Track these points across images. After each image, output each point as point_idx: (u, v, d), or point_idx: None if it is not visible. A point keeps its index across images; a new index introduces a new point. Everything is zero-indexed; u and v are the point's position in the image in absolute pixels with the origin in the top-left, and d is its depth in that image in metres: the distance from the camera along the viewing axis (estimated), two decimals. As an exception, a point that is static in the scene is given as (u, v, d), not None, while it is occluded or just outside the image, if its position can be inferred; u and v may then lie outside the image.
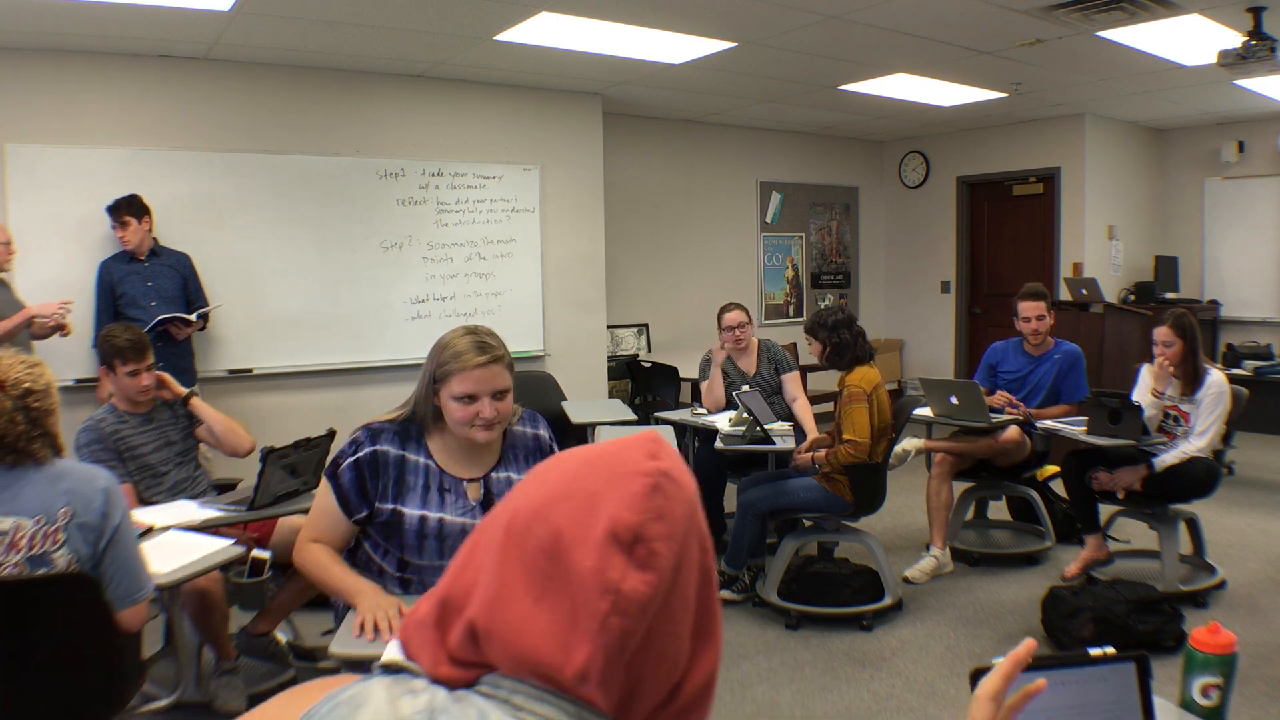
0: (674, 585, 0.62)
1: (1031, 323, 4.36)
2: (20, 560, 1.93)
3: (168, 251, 4.66)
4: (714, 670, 0.67)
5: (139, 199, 4.51)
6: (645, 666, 0.62)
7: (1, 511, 1.93)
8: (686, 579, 0.63)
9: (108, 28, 4.40)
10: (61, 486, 1.99)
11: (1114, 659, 1.18)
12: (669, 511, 0.62)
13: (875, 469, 3.66)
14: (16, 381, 1.98)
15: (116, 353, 3.06)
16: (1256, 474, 5.99)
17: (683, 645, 0.64)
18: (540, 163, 6.12)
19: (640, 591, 0.60)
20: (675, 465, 0.65)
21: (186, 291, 4.66)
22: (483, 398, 2.00)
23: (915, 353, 8.85)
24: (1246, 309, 7.62)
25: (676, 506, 0.63)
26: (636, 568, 0.61)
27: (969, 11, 4.52)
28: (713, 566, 0.67)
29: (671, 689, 0.64)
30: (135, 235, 4.46)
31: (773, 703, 3.07)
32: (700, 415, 4.55)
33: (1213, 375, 3.78)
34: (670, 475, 0.64)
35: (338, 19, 4.49)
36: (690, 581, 0.64)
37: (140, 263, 4.53)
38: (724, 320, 4.54)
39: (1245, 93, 6.40)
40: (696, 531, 0.65)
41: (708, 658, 0.66)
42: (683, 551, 0.63)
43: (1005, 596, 3.96)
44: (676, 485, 0.64)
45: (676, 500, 0.63)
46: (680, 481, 0.64)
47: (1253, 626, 3.50)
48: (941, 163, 8.51)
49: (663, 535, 0.62)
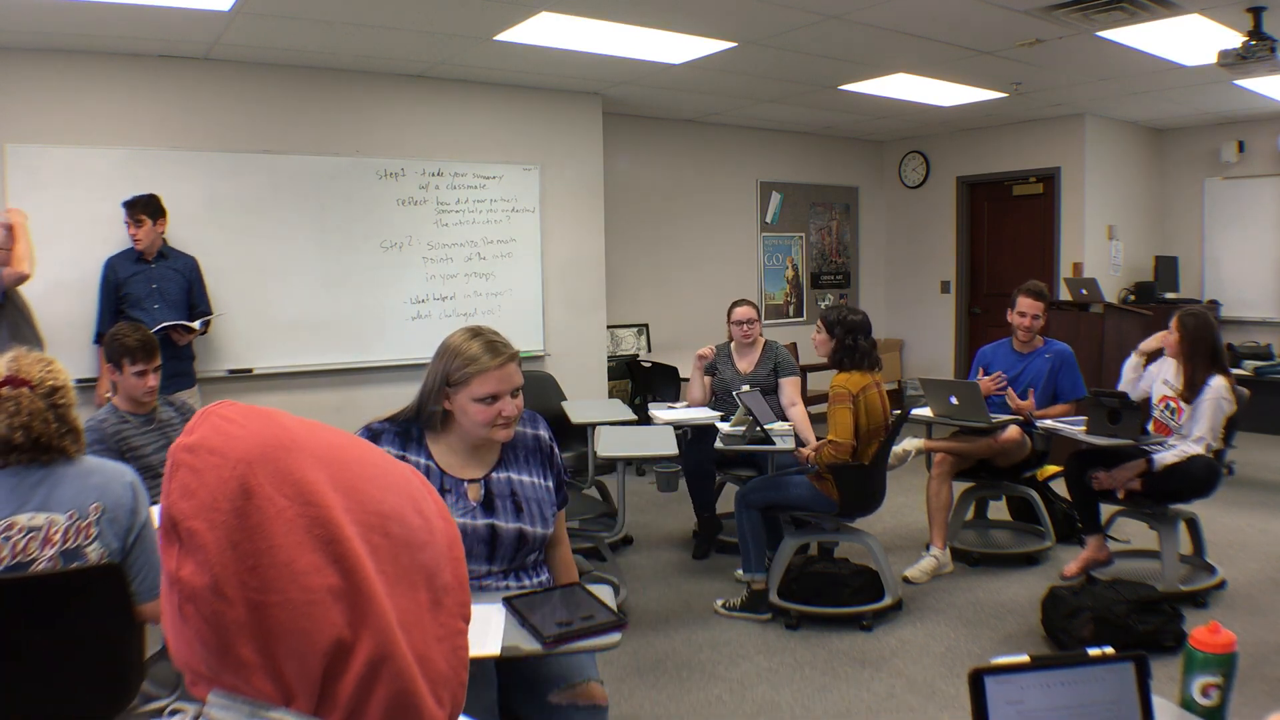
0: (256, 552, 0.57)
1: (1027, 319, 4.39)
2: (55, 555, 1.99)
3: (175, 254, 4.65)
4: (384, 626, 0.60)
5: (157, 200, 4.51)
6: (280, 643, 0.57)
7: (34, 508, 2.00)
8: (276, 543, 0.57)
9: (108, 28, 4.41)
10: (91, 482, 2.06)
11: (1113, 659, 1.19)
12: (197, 485, 0.58)
13: (862, 470, 3.65)
14: (42, 380, 2.05)
15: (126, 352, 3.08)
16: (1256, 474, 5.99)
17: (317, 611, 0.57)
18: (540, 163, 6.12)
19: (195, 574, 0.57)
20: (205, 434, 0.60)
21: (190, 296, 4.64)
22: (504, 396, 2.03)
23: (915, 353, 8.85)
24: (1246, 309, 7.62)
25: (208, 475, 0.58)
26: (185, 553, 0.58)
27: (969, 11, 4.52)
28: (337, 520, 0.59)
29: (332, 656, 0.58)
30: (147, 236, 4.47)
31: (773, 703, 3.08)
32: (675, 409, 4.60)
33: (1213, 381, 3.76)
34: (194, 448, 0.60)
35: (338, 19, 4.49)
36: (292, 543, 0.57)
37: (147, 263, 4.53)
38: (733, 314, 4.62)
39: (1245, 93, 6.40)
40: (273, 492, 0.58)
41: (371, 613, 0.59)
42: (240, 517, 0.57)
43: (1005, 596, 3.96)
44: (207, 453, 0.59)
45: (208, 469, 0.59)
46: (213, 447, 0.59)
47: (1253, 626, 3.50)
48: (941, 163, 8.51)
49: (193, 512, 0.58)
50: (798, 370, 4.64)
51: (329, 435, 0.65)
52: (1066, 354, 4.42)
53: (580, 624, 1.80)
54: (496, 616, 1.86)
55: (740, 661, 3.39)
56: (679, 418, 4.42)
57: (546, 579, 2.18)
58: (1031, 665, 1.16)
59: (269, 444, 0.60)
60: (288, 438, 0.61)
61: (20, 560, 1.98)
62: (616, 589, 3.40)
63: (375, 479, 0.64)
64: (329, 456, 0.62)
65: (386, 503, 0.63)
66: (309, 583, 0.58)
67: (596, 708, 1.98)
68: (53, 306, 4.49)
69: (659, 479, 5.96)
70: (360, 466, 0.64)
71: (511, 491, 2.11)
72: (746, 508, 3.82)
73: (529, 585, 2.11)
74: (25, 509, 1.99)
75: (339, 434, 0.66)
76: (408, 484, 0.67)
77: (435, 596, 0.64)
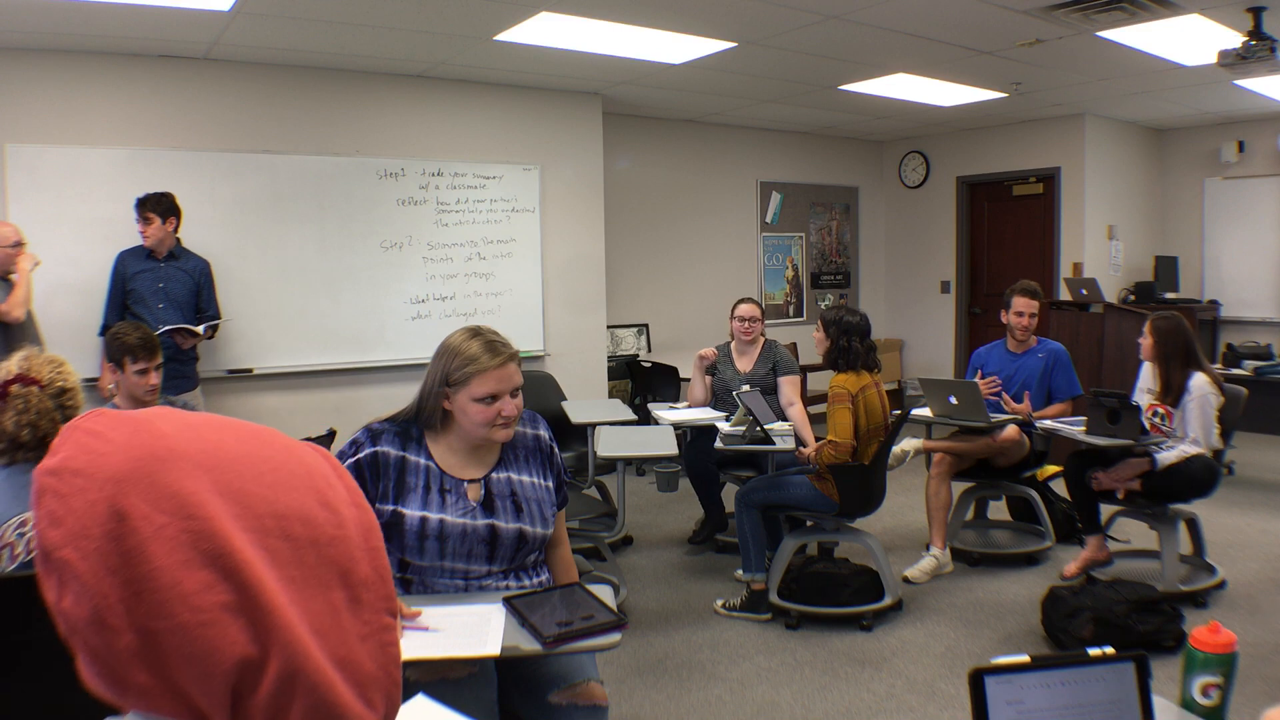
0: (137, 578, 0.54)
1: (1024, 318, 4.42)
2: None
3: (188, 255, 4.62)
4: (291, 639, 0.56)
5: (170, 199, 4.49)
6: (179, 668, 0.54)
7: None
8: (158, 565, 0.54)
9: (108, 28, 4.40)
10: None
11: (1113, 659, 1.19)
12: (64, 512, 0.55)
13: (862, 470, 3.65)
14: (51, 381, 2.08)
15: (127, 350, 3.08)
16: (1256, 474, 5.99)
17: (213, 631, 0.54)
18: (540, 163, 6.12)
19: (74, 605, 0.55)
20: (69, 454, 0.57)
21: (198, 299, 4.60)
22: (503, 396, 2.03)
23: (915, 353, 8.85)
24: (1246, 309, 7.62)
25: (75, 500, 0.55)
26: (62, 584, 0.55)
27: (969, 11, 4.52)
28: (224, 531, 0.55)
29: (238, 675, 0.55)
30: (156, 234, 4.44)
31: (773, 703, 3.08)
32: (675, 409, 4.64)
33: (1194, 380, 3.75)
34: (58, 470, 0.56)
35: (338, 19, 4.49)
36: (175, 563, 0.54)
37: (156, 262, 4.51)
38: (737, 310, 4.62)
39: (1245, 93, 6.40)
40: (149, 510, 0.54)
41: (275, 625, 0.56)
42: (115, 541, 0.54)
43: (1005, 596, 3.96)
44: (71, 475, 0.56)
45: (74, 493, 0.55)
46: (78, 468, 0.56)
47: (1253, 626, 3.50)
48: (941, 163, 8.51)
49: (63, 541, 0.55)
50: (797, 370, 4.63)
51: (214, 435, 0.60)
52: (1060, 353, 4.44)
53: (580, 624, 1.80)
54: (496, 616, 1.86)
55: (740, 661, 3.39)
56: (680, 418, 4.42)
57: (546, 579, 2.18)
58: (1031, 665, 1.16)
59: (140, 457, 0.56)
60: (162, 448, 0.57)
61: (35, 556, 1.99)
62: (616, 589, 3.41)
63: (268, 476, 0.59)
64: (212, 461, 0.58)
65: (283, 501, 0.59)
66: (200, 602, 0.54)
67: (596, 708, 1.98)
68: (54, 307, 4.50)
69: (659, 479, 5.96)
70: (250, 465, 0.59)
71: (511, 491, 2.11)
72: (746, 508, 3.82)
73: (529, 585, 2.11)
74: None
75: (227, 430, 0.61)
76: (309, 475, 0.62)
77: (353, 594, 0.61)
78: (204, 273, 4.66)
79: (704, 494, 4.61)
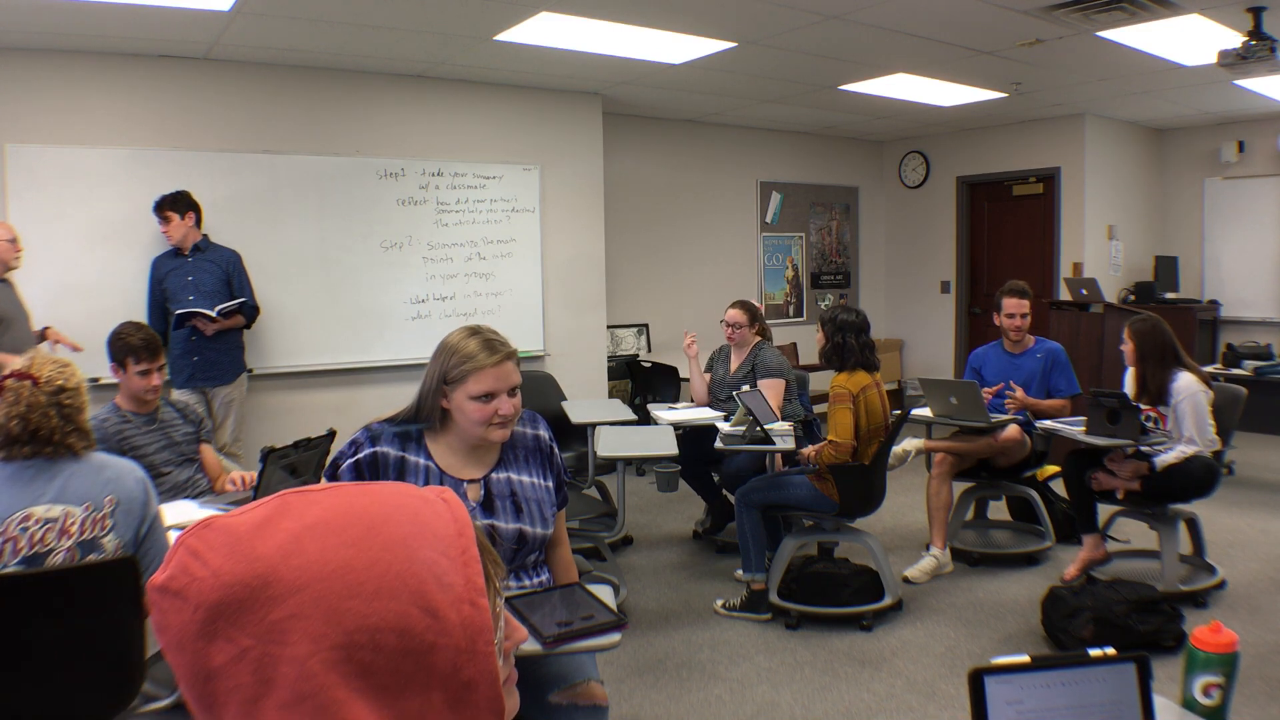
0: (211, 704, 0.58)
1: (1015, 319, 4.42)
2: (72, 545, 2.05)
3: (215, 248, 4.72)
4: None
5: (185, 195, 4.61)
6: None
7: (50, 500, 2.07)
8: (228, 686, 0.57)
9: (108, 28, 4.40)
10: (104, 476, 2.15)
11: (1114, 659, 1.18)
12: (164, 625, 0.59)
13: (863, 470, 3.65)
14: (50, 379, 2.12)
15: (129, 351, 3.08)
16: (1256, 474, 5.99)
17: None
18: (540, 163, 6.12)
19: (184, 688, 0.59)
20: (170, 576, 0.59)
21: (230, 288, 4.70)
22: (500, 395, 2.02)
23: (915, 353, 8.85)
24: (1246, 309, 7.62)
25: (173, 618, 0.58)
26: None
27: (969, 11, 4.52)
28: (297, 656, 0.57)
29: None
30: (178, 230, 4.55)
31: (773, 703, 3.08)
32: (676, 409, 4.73)
33: (1179, 380, 3.75)
34: (163, 589, 0.59)
35: (338, 19, 4.49)
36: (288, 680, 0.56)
37: (184, 258, 4.62)
38: (724, 315, 4.71)
39: (1245, 93, 6.40)
40: (227, 644, 0.57)
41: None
42: (200, 663, 0.58)
43: (1005, 596, 3.96)
44: (173, 597, 0.58)
45: (173, 612, 0.58)
46: (178, 590, 0.58)
47: (1253, 626, 3.50)
48: (941, 163, 8.51)
49: (166, 647, 0.59)
50: (782, 374, 4.54)
51: (317, 546, 0.60)
52: (1058, 352, 4.43)
53: (580, 624, 1.80)
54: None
55: (740, 661, 3.39)
56: (681, 418, 4.43)
57: (546, 579, 2.18)
58: (1032, 665, 1.16)
59: (231, 584, 0.58)
60: (254, 574, 0.58)
61: (38, 551, 2.02)
62: (616, 589, 3.40)
63: (369, 586, 0.59)
64: (307, 578, 0.58)
65: (378, 614, 0.58)
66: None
67: (596, 708, 1.98)
68: (54, 307, 4.49)
69: (659, 479, 5.96)
70: (349, 576, 0.59)
71: (511, 491, 2.11)
72: (746, 508, 3.82)
73: (529, 585, 2.11)
74: (41, 501, 2.05)
75: (333, 535, 0.60)
76: (417, 577, 0.60)
77: (455, 694, 0.60)
78: (233, 262, 4.76)
79: (701, 489, 4.72)
